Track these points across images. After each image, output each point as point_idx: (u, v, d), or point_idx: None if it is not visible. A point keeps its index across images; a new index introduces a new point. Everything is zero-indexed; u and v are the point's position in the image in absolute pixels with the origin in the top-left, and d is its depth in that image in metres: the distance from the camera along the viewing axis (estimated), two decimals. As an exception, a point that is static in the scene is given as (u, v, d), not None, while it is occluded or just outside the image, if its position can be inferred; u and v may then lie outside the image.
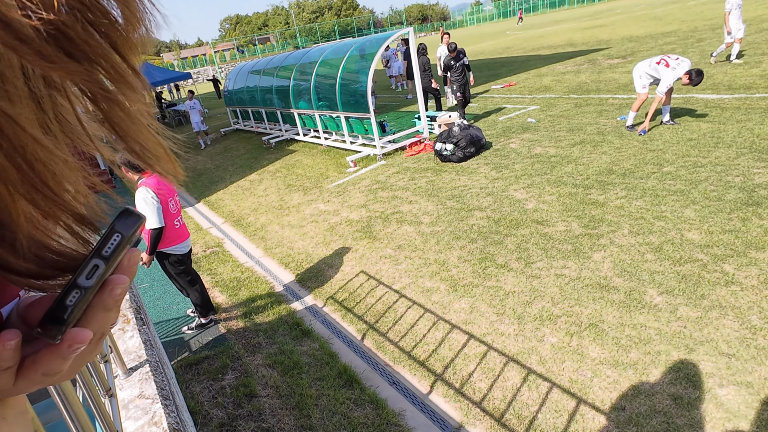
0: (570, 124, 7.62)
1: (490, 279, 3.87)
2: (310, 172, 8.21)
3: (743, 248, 3.57)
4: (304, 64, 9.91)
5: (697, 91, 7.99)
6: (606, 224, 4.28)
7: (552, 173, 5.68)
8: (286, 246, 5.39)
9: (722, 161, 5.04)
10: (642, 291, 3.35)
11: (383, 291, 4.06)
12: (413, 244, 4.72)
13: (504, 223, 4.70)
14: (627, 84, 9.64)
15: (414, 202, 5.74)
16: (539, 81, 12.12)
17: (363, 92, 7.72)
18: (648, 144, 5.97)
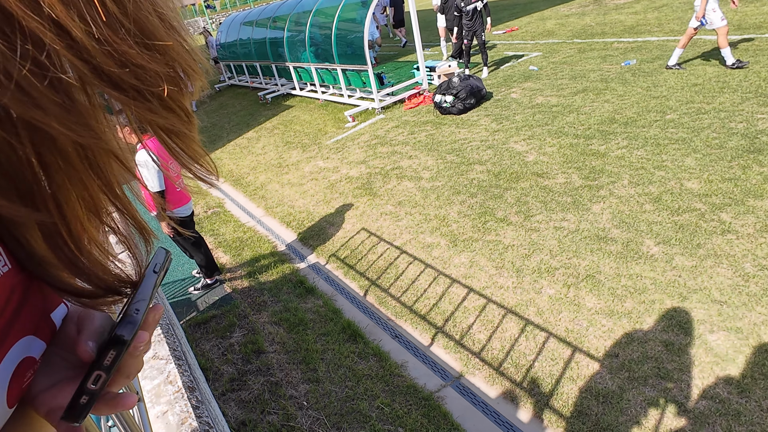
0: (573, 71, 7.41)
1: (490, 233, 3.91)
2: (308, 128, 8.11)
3: (741, 197, 3.58)
4: (298, 14, 9.52)
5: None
6: (606, 175, 4.27)
7: (553, 124, 5.60)
8: (287, 205, 5.42)
9: (726, 107, 4.94)
10: (639, 242, 3.40)
11: (384, 247, 4.13)
12: (413, 200, 4.74)
13: (504, 177, 4.69)
14: (633, 26, 9.28)
15: (414, 157, 5.70)
16: (542, 25, 11.66)
17: (360, 43, 7.47)
18: (652, 90, 5.83)
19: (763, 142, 4.15)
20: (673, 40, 7.73)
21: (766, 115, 4.59)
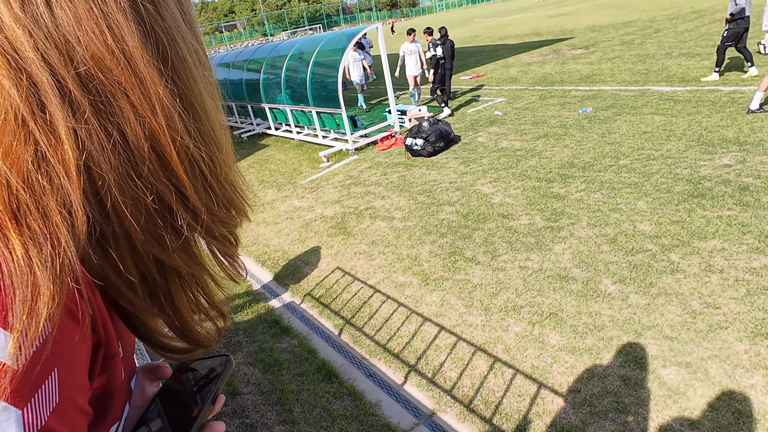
0: (535, 116, 7.91)
1: (459, 272, 4.09)
2: (284, 167, 8.26)
3: (688, 238, 3.90)
4: (274, 57, 9.85)
5: (653, 84, 8.40)
6: (566, 217, 4.56)
7: (517, 167, 5.94)
8: (262, 244, 5.48)
9: (673, 154, 5.39)
10: (597, 281, 3.64)
11: (359, 286, 4.23)
12: (386, 239, 4.90)
13: (472, 218, 4.93)
14: (589, 75, 10.01)
15: (386, 198, 5.91)
16: (506, 72, 12.41)
17: (333, 88, 7.79)
18: (606, 137, 6.29)
19: (706, 188, 4.55)
20: (625, 89, 8.40)
21: (707, 162, 5.04)
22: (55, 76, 0.33)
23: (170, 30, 0.40)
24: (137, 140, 0.37)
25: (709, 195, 4.42)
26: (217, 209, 0.46)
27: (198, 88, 0.42)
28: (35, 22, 0.33)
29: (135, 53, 0.36)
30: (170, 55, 0.39)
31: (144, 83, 0.37)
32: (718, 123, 6.02)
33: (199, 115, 0.42)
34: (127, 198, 0.37)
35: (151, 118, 0.38)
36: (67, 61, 0.34)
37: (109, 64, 0.35)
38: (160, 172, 0.39)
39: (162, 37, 0.39)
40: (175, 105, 0.40)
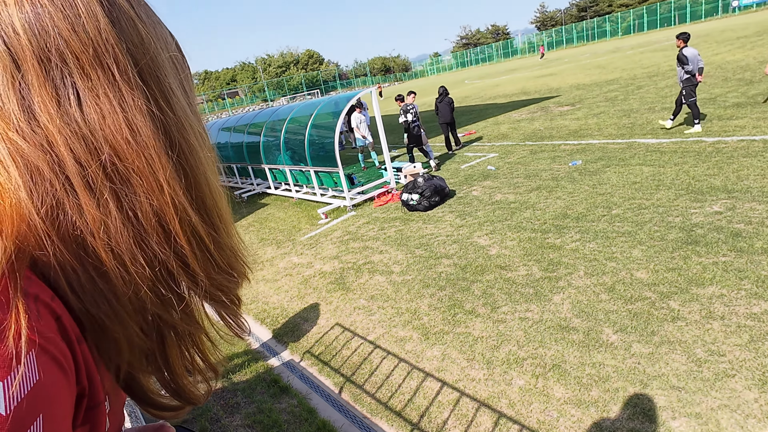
0: (527, 170, 8.14)
1: (460, 325, 4.06)
2: (283, 225, 8.36)
3: (686, 285, 3.91)
4: (273, 121, 10.26)
5: (639, 136, 8.72)
6: (563, 267, 4.59)
7: (512, 219, 6.05)
8: (261, 301, 5.45)
9: (663, 203, 5.52)
10: (599, 330, 3.61)
11: (358, 342, 4.17)
12: (385, 293, 4.89)
13: (470, 270, 4.95)
14: (576, 130, 10.40)
15: (384, 252, 5.95)
16: (497, 129, 12.88)
17: (331, 148, 8.06)
18: (597, 188, 6.46)
19: (699, 235, 4.62)
20: (612, 143, 8.71)
21: (698, 210, 5.15)
22: (80, 162, 0.40)
23: (179, 121, 0.47)
24: (146, 215, 0.43)
25: (702, 242, 4.48)
26: (216, 274, 0.51)
27: (202, 167, 0.49)
28: (67, 120, 0.40)
29: (148, 143, 0.43)
30: (177, 141, 0.46)
31: (154, 167, 0.43)
32: (705, 172, 6.20)
33: (203, 190, 0.49)
34: (137, 264, 0.43)
35: (159, 197, 0.44)
36: (92, 151, 0.40)
37: (126, 152, 0.42)
38: (165, 242, 0.45)
39: (172, 127, 0.46)
40: (181, 184, 0.46)
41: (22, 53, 0.38)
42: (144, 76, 0.44)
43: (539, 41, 79.30)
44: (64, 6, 0.40)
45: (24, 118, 0.39)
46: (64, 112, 0.40)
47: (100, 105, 0.41)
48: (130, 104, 0.42)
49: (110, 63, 0.41)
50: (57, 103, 0.39)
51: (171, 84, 0.47)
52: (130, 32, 0.43)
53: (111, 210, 0.41)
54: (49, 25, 0.39)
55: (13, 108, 0.38)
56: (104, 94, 0.41)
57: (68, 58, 0.39)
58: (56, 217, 0.40)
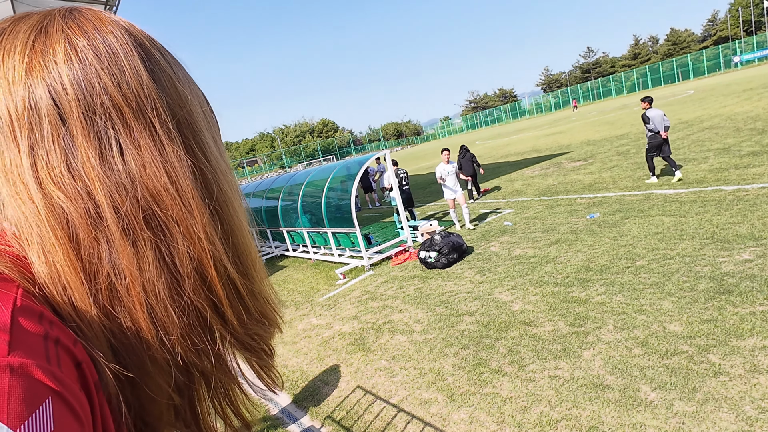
0: (544, 224, 8.09)
1: (486, 385, 3.87)
2: (301, 286, 8.33)
3: (724, 337, 3.71)
4: (291, 185, 10.56)
5: (656, 188, 8.69)
6: (591, 321, 4.42)
7: (533, 274, 5.93)
8: (280, 365, 5.31)
9: (689, 252, 5.38)
10: (635, 388, 3.40)
11: (381, 406, 3.99)
12: (407, 354, 4.73)
13: (493, 327, 4.80)
14: (591, 184, 10.43)
15: (404, 311, 5.84)
16: (511, 185, 13.00)
17: (347, 208, 8.19)
18: (618, 240, 6.35)
19: (731, 284, 4.45)
20: (628, 195, 8.68)
21: (726, 258, 5.00)
22: (118, 210, 0.41)
23: (215, 170, 0.48)
24: (182, 263, 0.44)
25: (736, 291, 4.30)
26: (250, 322, 0.51)
27: (236, 216, 0.50)
28: (108, 170, 0.41)
29: (187, 191, 0.44)
30: (214, 190, 0.48)
31: (192, 215, 0.44)
32: (728, 220, 6.08)
33: (237, 238, 0.49)
34: (171, 311, 0.43)
35: (197, 244, 0.44)
36: (131, 199, 0.41)
37: (165, 200, 0.43)
38: (200, 289, 0.45)
39: (208, 176, 0.47)
40: (217, 231, 0.47)
41: (68, 108, 0.40)
42: (181, 128, 0.46)
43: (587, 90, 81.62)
44: (109, 62, 0.42)
45: (66, 170, 0.40)
46: (105, 162, 0.41)
47: (141, 155, 0.42)
48: (170, 154, 0.44)
49: (151, 116, 0.44)
50: (99, 155, 0.41)
51: (206, 136, 0.49)
52: (168, 88, 0.46)
53: (147, 256, 0.42)
54: (95, 80, 0.41)
55: (55, 161, 0.40)
56: (145, 145, 0.43)
57: (112, 111, 0.41)
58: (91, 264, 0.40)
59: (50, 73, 0.40)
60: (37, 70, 0.40)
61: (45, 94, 0.40)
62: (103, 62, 0.42)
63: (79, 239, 0.40)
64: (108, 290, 0.41)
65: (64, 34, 0.42)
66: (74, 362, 0.38)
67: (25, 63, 0.40)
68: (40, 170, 0.40)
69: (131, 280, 0.41)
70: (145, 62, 0.45)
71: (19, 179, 0.40)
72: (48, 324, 0.37)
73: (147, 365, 0.43)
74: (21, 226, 0.40)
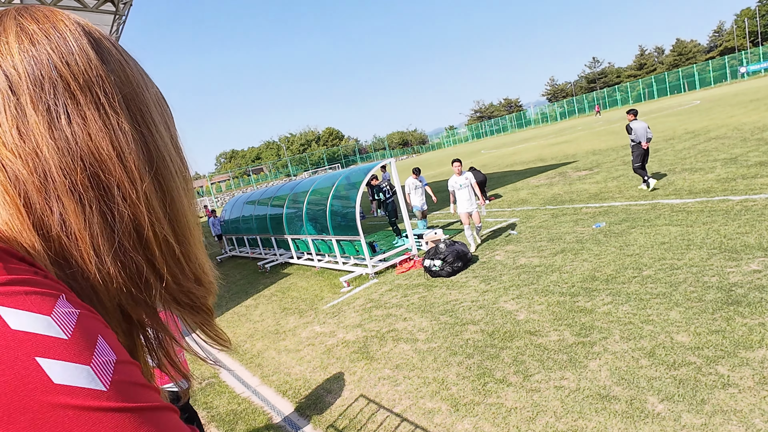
0: (549, 233, 8.05)
1: (491, 395, 3.83)
2: (305, 294, 8.31)
3: (732, 348, 3.66)
4: (296, 193, 10.59)
5: (662, 197, 8.64)
6: (597, 331, 4.38)
7: (538, 283, 5.89)
8: (284, 372, 5.29)
9: (696, 262, 5.33)
10: (643, 399, 3.35)
11: (384, 415, 3.95)
12: (411, 362, 4.70)
13: (498, 336, 4.76)
14: (597, 193, 10.39)
15: (408, 319, 5.80)
16: (516, 194, 12.97)
17: (352, 216, 8.20)
18: (625, 249, 6.30)
19: (739, 294, 4.39)
20: (635, 204, 8.63)
21: (734, 268, 4.95)
22: (66, 171, 0.46)
23: (157, 144, 0.54)
24: (123, 221, 0.49)
25: (744, 302, 4.25)
26: (184, 280, 0.57)
27: (177, 188, 0.56)
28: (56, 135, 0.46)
29: (128, 158, 0.49)
30: (156, 161, 0.53)
31: (132, 179, 0.49)
32: (736, 230, 6.03)
33: (175, 205, 0.55)
34: (116, 264, 0.49)
35: (135, 206, 0.50)
36: (77, 162, 0.46)
37: (108, 164, 0.48)
38: (138, 246, 0.50)
39: (151, 148, 0.52)
40: (157, 197, 0.52)
41: (17, 80, 0.45)
42: (128, 104, 0.51)
43: (592, 100, 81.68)
44: (58, 43, 0.47)
45: (17, 134, 0.44)
46: (53, 128, 0.45)
47: (87, 124, 0.47)
48: (114, 125, 0.49)
49: (98, 90, 0.49)
50: (47, 122, 0.45)
51: (153, 115, 0.55)
52: (118, 70, 0.52)
53: (92, 213, 0.47)
54: (44, 57, 0.46)
55: (6, 126, 0.44)
56: (91, 116, 0.47)
57: (59, 84, 0.46)
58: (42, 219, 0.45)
59: (1, 52, 0.46)
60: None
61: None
62: (52, 42, 0.48)
63: (31, 198, 0.45)
64: (59, 243, 0.46)
65: (16, 22, 0.48)
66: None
67: None
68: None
69: (78, 234, 0.46)
70: (93, 46, 0.50)
71: None
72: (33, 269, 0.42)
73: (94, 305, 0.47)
74: None
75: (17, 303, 0.37)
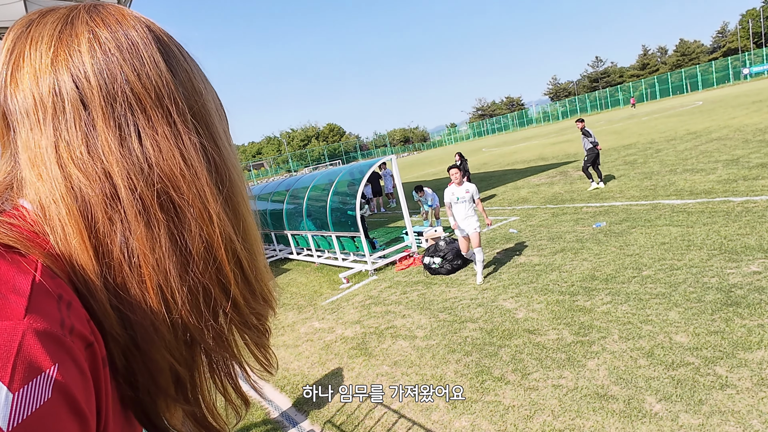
0: (549, 232, 8.04)
1: (489, 393, 3.83)
2: (304, 290, 8.31)
3: (731, 349, 3.66)
4: (296, 189, 10.57)
5: (663, 197, 8.63)
6: (596, 330, 4.37)
7: (538, 281, 5.89)
8: (282, 368, 5.29)
9: (696, 263, 5.32)
10: (641, 399, 3.35)
11: (382, 411, 3.95)
12: (409, 359, 4.70)
13: (497, 334, 4.75)
14: (598, 193, 10.37)
15: (407, 316, 5.80)
16: (516, 193, 12.95)
17: (353, 213, 8.19)
18: (625, 249, 6.30)
19: (739, 296, 4.39)
20: (635, 204, 8.62)
21: (734, 270, 4.94)
22: (134, 191, 0.43)
23: (226, 160, 0.51)
24: (195, 243, 0.46)
25: (744, 303, 4.24)
26: (254, 301, 0.54)
27: (245, 203, 0.54)
28: (126, 154, 0.43)
29: (201, 176, 0.47)
30: (226, 177, 0.51)
31: (206, 198, 0.47)
32: (737, 231, 6.02)
33: (246, 223, 0.53)
34: (181, 288, 0.45)
35: (209, 227, 0.47)
36: (147, 181, 0.44)
37: (180, 184, 0.46)
38: (210, 269, 0.48)
39: (220, 165, 0.50)
40: (229, 216, 0.50)
41: (90, 95, 0.42)
42: (197, 119, 0.49)
43: (594, 100, 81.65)
44: (130, 54, 0.45)
45: (86, 151, 0.42)
46: (124, 147, 0.43)
47: (158, 141, 0.45)
48: (186, 141, 0.47)
49: (169, 105, 0.46)
50: (118, 139, 0.43)
51: (218, 129, 0.52)
52: (185, 81, 0.49)
53: (160, 237, 0.44)
54: (116, 70, 0.44)
55: (76, 143, 0.42)
56: (162, 133, 0.45)
57: (132, 99, 0.44)
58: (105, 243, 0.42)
59: (74, 62, 0.43)
60: (62, 58, 0.43)
61: (69, 81, 0.42)
62: (125, 53, 0.45)
63: (95, 219, 0.42)
64: (120, 268, 0.43)
65: (88, 27, 0.45)
66: (85, 343, 0.39)
67: (51, 52, 0.43)
68: (61, 151, 0.42)
69: (143, 259, 0.43)
70: (163, 55, 0.48)
71: (41, 160, 0.42)
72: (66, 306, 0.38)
73: (154, 339, 0.44)
74: (42, 205, 0.42)
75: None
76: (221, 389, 0.55)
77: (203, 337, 0.49)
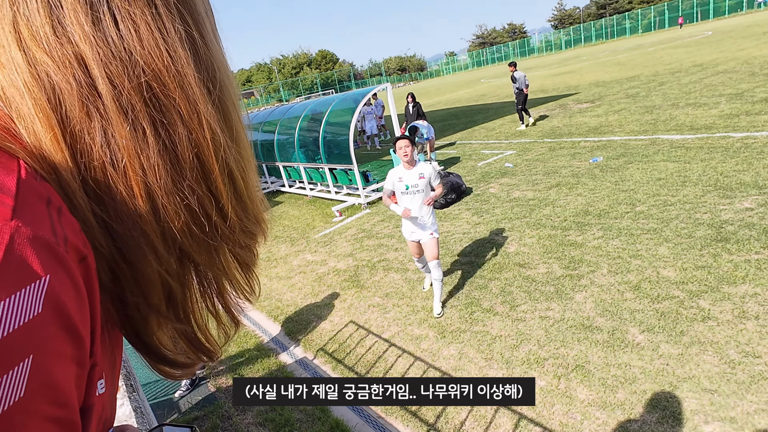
0: (545, 167, 7.95)
1: (477, 324, 3.93)
2: (297, 222, 8.32)
3: (716, 283, 3.72)
4: (288, 119, 10.24)
5: (662, 132, 8.46)
6: (585, 265, 4.43)
7: (531, 216, 5.89)
8: (275, 298, 5.39)
9: (690, 199, 5.30)
10: (624, 330, 3.45)
11: (373, 340, 4.08)
12: (400, 291, 4.79)
13: (488, 268, 4.81)
14: (597, 127, 10.16)
15: (399, 249, 5.85)
16: (514, 126, 12.67)
17: (345, 144, 7.99)
18: (620, 185, 6.25)
19: (729, 232, 4.41)
20: (634, 139, 8.47)
21: (727, 206, 4.93)
22: (114, 84, 0.36)
23: (215, 59, 0.44)
24: (184, 149, 0.41)
25: (733, 239, 4.27)
26: (247, 220, 0.49)
27: (237, 112, 0.47)
28: (102, 37, 0.36)
29: (188, 71, 0.40)
30: (216, 80, 0.44)
31: (194, 99, 0.41)
32: (733, 168, 5.95)
33: (237, 135, 0.47)
34: (173, 199, 0.41)
35: (198, 131, 0.41)
36: (129, 73, 0.37)
37: (166, 80, 0.39)
38: (201, 180, 0.43)
39: (209, 63, 0.43)
40: (220, 122, 0.44)
41: None
42: (180, 9, 0.42)
43: (600, 28, 78.25)
44: None
45: (51, 31, 0.35)
46: (98, 29, 0.36)
47: (137, 26, 0.38)
48: (170, 30, 0.39)
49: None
50: (90, 19, 0.36)
51: (205, 22, 0.45)
52: None
53: (148, 138, 0.38)
54: None
55: (39, 21, 0.35)
56: (142, 17, 0.38)
57: None
58: (82, 141, 0.37)
59: None
60: None
61: None
62: None
63: (69, 113, 0.36)
64: (103, 172, 0.38)
65: None
66: (79, 256, 0.35)
67: None
68: (21, 29, 0.35)
69: (129, 160, 0.38)
70: None
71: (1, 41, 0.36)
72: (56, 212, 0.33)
73: (145, 252, 0.40)
74: (6, 96, 0.37)
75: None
76: (212, 309, 0.52)
77: (197, 252, 0.45)
